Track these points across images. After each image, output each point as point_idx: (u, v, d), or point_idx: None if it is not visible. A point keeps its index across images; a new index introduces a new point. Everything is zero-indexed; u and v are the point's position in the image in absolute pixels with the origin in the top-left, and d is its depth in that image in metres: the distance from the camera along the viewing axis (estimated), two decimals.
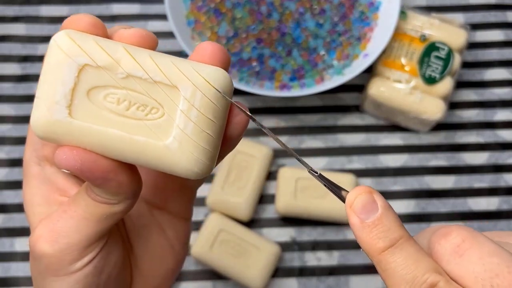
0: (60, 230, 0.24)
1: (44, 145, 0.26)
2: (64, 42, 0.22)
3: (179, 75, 0.22)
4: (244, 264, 0.51)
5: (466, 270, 0.20)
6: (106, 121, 0.22)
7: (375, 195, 0.22)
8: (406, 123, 0.58)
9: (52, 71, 0.22)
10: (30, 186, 0.26)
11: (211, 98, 0.22)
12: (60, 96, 0.21)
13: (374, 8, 0.59)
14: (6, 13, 0.63)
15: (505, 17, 0.63)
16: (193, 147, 0.22)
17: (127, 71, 0.22)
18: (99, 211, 0.24)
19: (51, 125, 0.22)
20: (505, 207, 0.56)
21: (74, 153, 0.22)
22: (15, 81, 0.60)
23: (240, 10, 0.58)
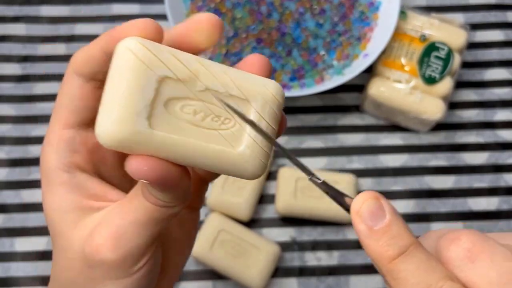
0: (121, 236, 0.24)
1: (74, 152, 0.26)
2: (140, 51, 0.22)
3: (250, 89, 0.24)
4: (244, 264, 0.51)
5: (479, 276, 0.20)
6: (184, 131, 0.23)
7: (382, 201, 0.22)
8: (406, 123, 0.58)
9: (129, 80, 0.22)
10: (58, 193, 0.26)
11: (276, 109, 0.25)
12: (141, 107, 0.22)
13: (374, 8, 0.59)
14: (6, 13, 0.63)
15: (505, 17, 0.63)
16: (261, 154, 0.24)
17: (206, 84, 0.23)
18: (159, 214, 0.24)
19: (130, 136, 0.21)
20: (505, 207, 0.56)
21: (152, 165, 0.22)
22: (15, 81, 0.60)
23: (240, 10, 0.58)
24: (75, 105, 0.26)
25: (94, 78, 0.25)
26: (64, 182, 0.26)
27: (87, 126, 0.26)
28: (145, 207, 0.24)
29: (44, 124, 0.58)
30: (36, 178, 0.56)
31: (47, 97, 0.60)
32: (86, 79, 0.25)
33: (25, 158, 0.57)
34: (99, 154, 0.27)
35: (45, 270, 0.53)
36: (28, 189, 0.56)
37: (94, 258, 0.24)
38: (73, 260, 0.25)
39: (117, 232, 0.24)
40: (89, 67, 0.25)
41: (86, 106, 0.26)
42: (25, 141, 0.58)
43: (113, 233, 0.24)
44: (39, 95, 0.60)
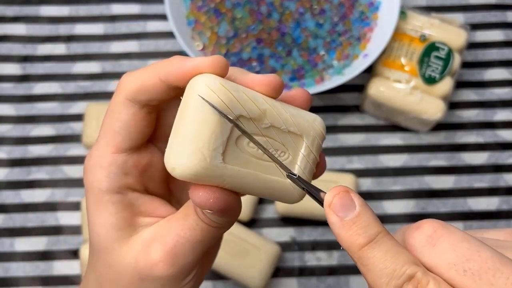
0: (179, 253, 0.26)
1: (126, 175, 0.27)
2: (220, 91, 0.23)
3: (304, 126, 0.26)
4: (244, 264, 0.51)
5: (439, 258, 0.21)
6: (249, 164, 0.25)
7: (352, 194, 0.23)
8: (406, 123, 0.58)
9: (210, 119, 0.23)
10: (108, 212, 0.27)
11: (321, 141, 0.27)
12: (219, 144, 0.23)
13: (374, 8, 0.59)
14: (6, 13, 0.63)
15: (505, 17, 0.63)
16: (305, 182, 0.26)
17: (271, 122, 0.25)
18: (212, 234, 0.26)
19: (206, 170, 0.23)
20: (505, 207, 0.56)
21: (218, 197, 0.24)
22: (15, 81, 0.60)
23: (240, 10, 0.58)
24: (129, 132, 0.27)
25: (148, 104, 0.26)
26: (116, 202, 0.27)
27: (138, 149, 0.28)
28: (201, 227, 0.26)
29: (44, 124, 0.58)
30: (36, 178, 0.56)
31: (47, 97, 0.59)
32: (140, 106, 0.26)
33: (25, 158, 0.57)
34: (148, 174, 0.29)
35: (45, 270, 0.53)
36: (28, 189, 0.56)
37: (150, 273, 0.26)
38: (124, 274, 0.27)
39: (175, 249, 0.26)
40: (145, 96, 0.26)
41: (139, 132, 0.27)
42: (25, 141, 0.58)
43: (170, 250, 0.26)
44: (39, 95, 0.60)
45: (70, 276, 0.53)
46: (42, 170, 0.57)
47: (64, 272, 0.53)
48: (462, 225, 0.55)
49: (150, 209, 0.28)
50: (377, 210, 0.56)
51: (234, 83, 0.24)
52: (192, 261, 0.26)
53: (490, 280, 0.19)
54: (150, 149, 0.29)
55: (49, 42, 0.62)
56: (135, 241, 0.26)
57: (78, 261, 0.53)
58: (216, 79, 0.23)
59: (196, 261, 0.27)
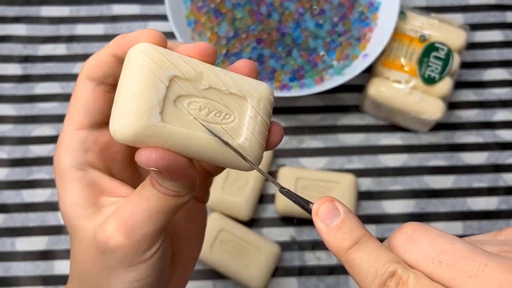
0: (135, 223, 0.26)
1: (87, 151, 0.28)
2: (153, 54, 0.24)
3: (247, 88, 0.27)
4: (244, 263, 0.51)
5: (418, 254, 0.22)
6: (191, 125, 0.25)
7: (336, 203, 0.25)
8: (405, 123, 0.58)
9: (143, 78, 0.24)
10: (73, 190, 0.27)
11: (269, 106, 0.27)
12: (155, 103, 0.24)
13: (374, 9, 0.59)
14: (7, 13, 0.63)
15: (505, 18, 0.63)
16: (257, 145, 0.27)
17: (209, 83, 0.26)
18: (169, 203, 0.26)
19: (145, 129, 0.24)
20: (504, 206, 0.56)
21: (161, 154, 0.24)
22: (16, 81, 0.60)
23: (240, 11, 0.58)
24: (88, 108, 0.28)
25: (105, 82, 0.28)
26: (78, 179, 0.27)
27: (98, 127, 0.28)
28: (156, 196, 0.26)
29: (45, 124, 0.59)
30: (36, 178, 0.57)
31: (48, 97, 0.60)
32: (98, 83, 0.28)
33: (26, 158, 0.57)
34: (109, 153, 0.29)
35: (46, 270, 0.53)
36: (29, 189, 0.56)
37: (107, 246, 0.26)
38: (88, 250, 0.27)
39: (130, 219, 0.26)
40: (100, 72, 0.27)
41: (98, 109, 0.28)
42: (26, 141, 0.58)
43: (126, 221, 0.26)
44: (40, 95, 0.60)
45: None
46: (43, 170, 0.57)
47: (65, 271, 0.53)
48: (462, 225, 0.55)
49: (112, 188, 0.28)
50: (376, 210, 0.56)
51: (171, 51, 0.25)
52: (150, 232, 0.26)
53: (463, 268, 0.21)
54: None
55: (50, 43, 0.62)
56: (98, 219, 0.27)
57: None
58: (149, 45, 0.25)
59: (155, 232, 0.26)
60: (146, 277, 0.27)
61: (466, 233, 0.55)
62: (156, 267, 0.27)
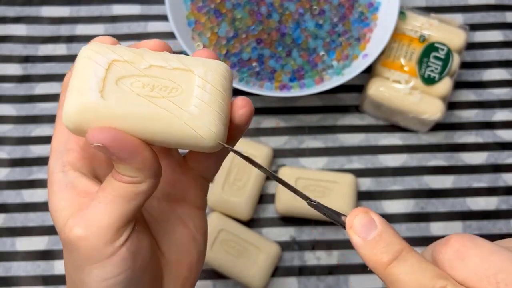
0: (90, 216, 0.25)
1: (68, 151, 0.28)
2: (94, 46, 0.26)
3: (192, 61, 0.26)
4: (244, 263, 0.51)
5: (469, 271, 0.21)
6: (135, 102, 0.25)
7: (371, 214, 0.24)
8: (405, 123, 0.58)
9: (83, 66, 0.25)
10: (55, 192, 0.27)
11: (221, 77, 0.27)
12: (93, 83, 0.24)
13: (374, 9, 0.59)
14: (7, 13, 0.63)
15: (504, 18, 0.63)
16: (210, 112, 0.26)
17: (150, 62, 0.26)
18: (125, 191, 0.25)
19: (84, 109, 0.24)
20: (504, 207, 0.56)
21: (105, 129, 0.24)
22: (16, 82, 0.60)
23: (240, 11, 0.58)
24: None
25: None
26: (59, 181, 0.27)
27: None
28: (113, 186, 0.26)
29: (45, 124, 0.59)
30: (37, 178, 0.57)
31: (48, 97, 0.60)
32: None
33: (26, 158, 0.57)
34: (91, 151, 0.29)
35: (46, 270, 0.54)
36: (29, 189, 0.56)
37: (70, 241, 0.26)
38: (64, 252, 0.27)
39: (87, 212, 0.26)
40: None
41: None
42: (26, 141, 0.58)
43: (83, 214, 0.26)
44: (40, 95, 0.60)
45: None
46: (43, 170, 0.57)
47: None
48: (461, 225, 0.55)
49: (91, 189, 0.27)
50: (376, 210, 0.56)
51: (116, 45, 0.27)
52: (109, 223, 0.25)
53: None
54: None
55: (50, 43, 0.62)
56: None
57: None
58: (97, 42, 0.26)
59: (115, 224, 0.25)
60: (116, 274, 0.26)
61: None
62: (124, 266, 0.26)
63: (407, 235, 0.55)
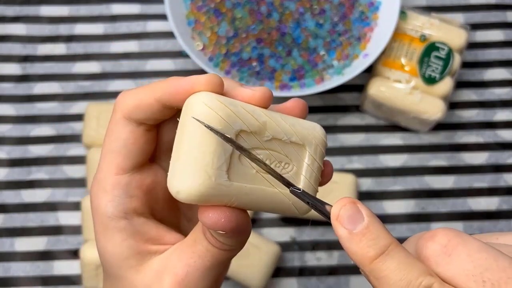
0: (189, 283, 0.26)
1: (131, 197, 0.26)
2: (218, 107, 0.23)
3: (305, 135, 0.26)
4: (244, 264, 0.51)
5: (456, 268, 0.20)
6: (254, 179, 0.24)
7: (359, 205, 0.23)
8: (406, 123, 0.58)
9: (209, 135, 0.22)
10: (116, 239, 0.26)
11: (324, 149, 0.27)
12: (222, 161, 0.23)
13: (374, 8, 0.59)
14: (6, 13, 0.63)
15: (505, 17, 0.63)
16: (312, 192, 0.26)
17: (272, 134, 0.25)
18: (223, 258, 0.26)
19: (213, 190, 0.23)
20: (505, 207, 0.56)
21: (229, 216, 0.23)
22: (15, 81, 0.60)
23: (240, 10, 0.58)
24: (128, 150, 0.26)
25: (145, 123, 0.26)
26: (122, 229, 0.26)
27: (140, 168, 0.27)
28: (211, 253, 0.25)
29: (44, 124, 0.58)
30: (36, 178, 0.56)
31: (47, 97, 0.60)
32: (137, 124, 0.26)
33: (25, 158, 0.57)
34: (153, 195, 0.28)
35: (45, 270, 0.53)
36: (28, 189, 0.56)
37: None
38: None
39: (186, 279, 0.25)
40: (141, 114, 0.25)
41: (139, 150, 0.26)
42: (25, 141, 0.58)
43: (181, 281, 0.25)
44: (39, 95, 0.60)
45: (70, 276, 0.53)
46: (42, 170, 0.57)
47: (64, 272, 0.53)
48: (462, 225, 0.55)
49: (158, 236, 0.27)
50: (377, 210, 0.56)
51: (230, 98, 0.24)
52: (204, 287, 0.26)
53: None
54: (153, 168, 0.28)
55: (49, 42, 0.62)
56: (146, 271, 0.26)
57: (78, 261, 0.53)
58: (213, 95, 0.23)
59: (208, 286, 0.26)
60: None
61: (466, 233, 0.54)
62: None
63: (407, 235, 0.55)
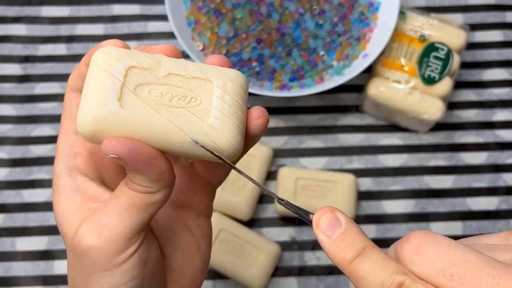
0: (104, 223, 0.25)
1: (75, 155, 0.28)
2: (109, 50, 0.25)
3: (210, 71, 0.26)
4: (244, 263, 0.51)
5: (427, 265, 0.22)
6: (153, 111, 0.24)
7: (337, 213, 0.24)
8: (405, 123, 0.58)
9: (99, 72, 0.24)
10: (63, 196, 0.27)
11: (240, 88, 0.26)
12: (111, 91, 0.24)
13: (374, 9, 0.59)
14: (7, 13, 0.63)
15: (504, 18, 0.63)
16: (230, 125, 0.25)
17: (168, 70, 0.25)
18: (140, 200, 0.25)
19: (102, 118, 0.23)
20: (504, 207, 0.56)
21: (122, 140, 0.23)
22: (16, 82, 0.60)
23: (240, 11, 0.58)
24: (73, 114, 0.28)
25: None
26: (67, 186, 0.27)
27: None
28: (127, 194, 0.25)
29: (45, 124, 0.59)
30: (36, 178, 0.57)
31: (48, 97, 0.60)
32: (79, 91, 0.28)
33: (26, 158, 0.57)
34: (99, 156, 0.29)
35: (46, 270, 0.54)
36: (29, 189, 0.56)
37: (81, 247, 0.25)
38: (69, 257, 0.27)
39: (100, 219, 0.25)
40: (80, 82, 0.28)
41: None
42: (26, 141, 0.58)
43: (96, 222, 0.25)
44: (40, 95, 0.60)
45: None
46: (43, 170, 0.57)
47: (65, 271, 0.54)
48: (461, 225, 0.55)
49: (99, 194, 0.27)
50: (376, 210, 0.56)
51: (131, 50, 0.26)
52: (122, 232, 0.25)
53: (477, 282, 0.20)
54: None
55: (50, 43, 0.62)
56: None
57: None
58: (109, 46, 0.25)
59: (128, 232, 0.25)
60: (125, 282, 0.26)
61: (466, 233, 0.55)
62: (134, 273, 0.26)
63: None
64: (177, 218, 0.31)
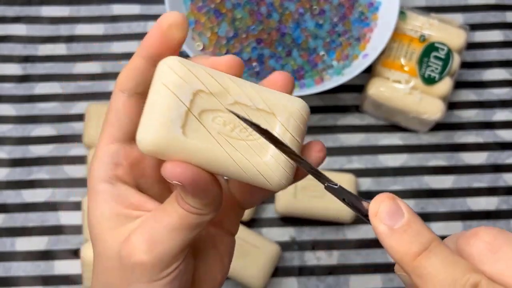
0: (155, 239, 0.25)
1: (116, 165, 0.28)
2: (178, 68, 0.24)
3: (274, 101, 0.26)
4: (244, 263, 0.51)
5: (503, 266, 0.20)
6: (214, 141, 0.24)
7: (398, 201, 0.22)
8: (405, 123, 0.58)
9: (167, 93, 0.24)
10: (100, 201, 0.27)
11: (301, 124, 0.26)
12: (176, 116, 0.24)
13: (374, 9, 0.59)
14: (7, 13, 0.63)
15: (504, 18, 0.63)
16: (285, 164, 0.25)
17: (235, 98, 0.25)
18: (191, 221, 0.25)
19: (164, 144, 0.24)
20: (504, 207, 0.56)
21: (184, 168, 0.23)
22: (16, 81, 0.60)
23: (240, 11, 0.58)
24: (120, 120, 0.28)
25: (137, 91, 0.27)
26: (106, 191, 0.27)
27: (131, 140, 0.28)
28: (179, 213, 0.25)
29: (45, 124, 0.59)
30: (36, 178, 0.57)
31: (48, 97, 0.60)
32: (129, 94, 0.27)
33: (26, 158, 0.57)
34: (139, 168, 0.29)
35: (46, 270, 0.53)
36: (29, 189, 0.56)
37: (129, 260, 0.26)
38: (110, 262, 0.27)
39: (152, 235, 0.25)
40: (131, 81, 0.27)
41: (130, 120, 0.28)
42: (26, 141, 0.58)
43: (148, 237, 0.25)
44: (40, 95, 0.60)
45: (70, 275, 0.54)
46: (43, 170, 0.57)
47: (65, 271, 0.54)
48: (461, 225, 0.55)
49: (139, 202, 0.27)
50: None
51: (198, 64, 0.25)
52: (171, 249, 0.25)
53: None
54: None
55: (49, 43, 0.62)
56: (121, 232, 0.27)
57: (78, 261, 0.54)
58: (176, 58, 0.25)
59: (176, 250, 0.26)
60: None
61: None
62: (173, 286, 0.26)
63: None
64: (207, 234, 0.31)
